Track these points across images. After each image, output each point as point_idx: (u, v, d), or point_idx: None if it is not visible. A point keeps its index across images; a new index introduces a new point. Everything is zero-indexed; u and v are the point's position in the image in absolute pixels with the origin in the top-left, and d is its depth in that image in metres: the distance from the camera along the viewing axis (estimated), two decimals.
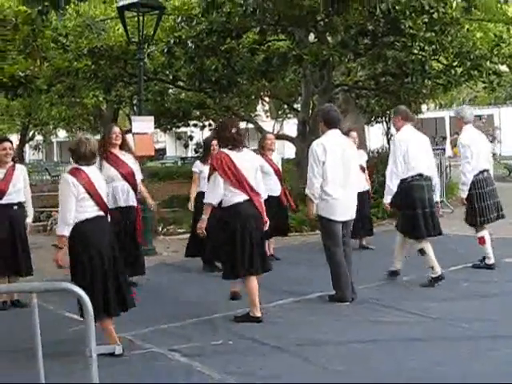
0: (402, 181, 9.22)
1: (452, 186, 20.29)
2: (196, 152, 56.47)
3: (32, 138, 50.17)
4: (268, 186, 11.28)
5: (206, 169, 10.61)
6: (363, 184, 12.24)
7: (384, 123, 34.84)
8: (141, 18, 12.99)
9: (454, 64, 16.56)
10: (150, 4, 13.40)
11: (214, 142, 10.56)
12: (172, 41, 15.06)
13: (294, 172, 18.31)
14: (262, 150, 11.70)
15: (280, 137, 21.28)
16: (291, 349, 6.58)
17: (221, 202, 7.73)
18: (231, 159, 7.68)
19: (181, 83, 18.93)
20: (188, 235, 14.87)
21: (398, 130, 9.68)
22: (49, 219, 18.82)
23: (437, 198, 9.88)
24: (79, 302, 7.10)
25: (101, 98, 25.61)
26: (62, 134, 62.85)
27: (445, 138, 32.24)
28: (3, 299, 8.91)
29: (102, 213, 6.75)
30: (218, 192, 7.65)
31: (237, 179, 7.67)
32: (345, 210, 8.54)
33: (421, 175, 9.28)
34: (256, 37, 15.87)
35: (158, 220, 15.71)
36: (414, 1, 13.26)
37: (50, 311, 8.28)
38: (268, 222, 8.11)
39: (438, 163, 17.64)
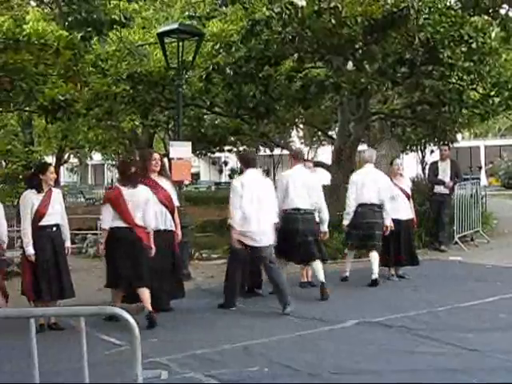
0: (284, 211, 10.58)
1: (487, 216, 20.14)
2: (230, 177, 56.70)
3: (67, 161, 50.56)
4: None
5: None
6: (408, 212, 12.22)
7: (419, 152, 34.85)
8: (180, 43, 13.15)
9: (492, 94, 16.49)
10: (189, 30, 13.59)
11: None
12: (210, 67, 15.16)
13: (329, 199, 18.25)
14: None
15: (316, 164, 21.27)
16: (325, 376, 6.56)
17: None
18: (121, 194, 9.17)
19: (218, 109, 19.03)
20: (223, 260, 14.97)
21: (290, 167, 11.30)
22: (84, 241, 18.98)
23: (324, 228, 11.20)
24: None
25: (137, 122, 25.80)
26: (96, 157, 63.39)
27: (480, 168, 32.11)
28: (40, 322, 8.98)
29: None
30: (106, 218, 9.24)
31: (120, 210, 9.11)
32: (259, 237, 9.75)
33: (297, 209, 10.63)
34: (293, 64, 15.93)
35: (192, 245, 15.74)
36: (453, 31, 13.26)
37: (87, 334, 8.31)
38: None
39: (473, 193, 17.58)
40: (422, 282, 11.94)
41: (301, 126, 35.12)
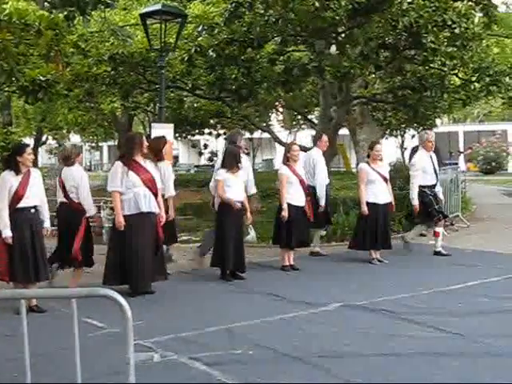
0: None
1: (467, 201, 20.25)
2: (211, 160, 56.52)
3: (45, 143, 50.23)
4: (293, 196, 11.46)
5: (228, 176, 10.73)
6: (386, 196, 12.27)
7: (399, 136, 34.95)
8: (163, 25, 13.06)
9: (473, 79, 16.54)
10: (172, 12, 13.47)
11: (240, 151, 10.88)
12: (193, 49, 15.07)
13: None
14: (287, 160, 11.76)
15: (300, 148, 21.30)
16: (312, 360, 6.56)
17: None
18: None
19: (199, 91, 18.95)
20: None
21: None
22: None
23: None
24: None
25: (117, 104, 25.67)
26: (74, 139, 63.04)
27: (462, 153, 32.24)
28: None
29: None
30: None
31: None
32: None
33: None
34: (276, 47, 15.88)
35: None
36: (436, 15, 13.26)
37: (68, 316, 8.28)
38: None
39: (453, 178, 17.63)
40: (404, 266, 12.00)
41: (280, 109, 35.08)
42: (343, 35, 15.03)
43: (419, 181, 12.54)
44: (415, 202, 12.48)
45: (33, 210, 8.94)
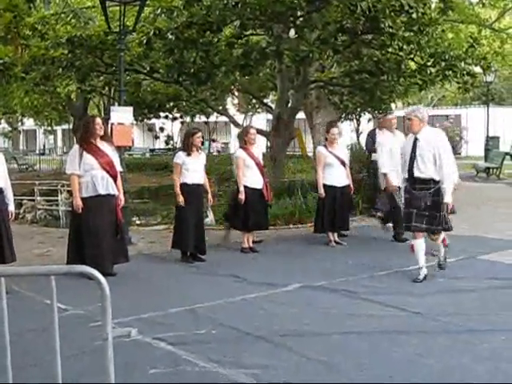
0: None
1: None
2: (167, 144, 56.37)
3: None
4: (249, 179, 11.56)
5: (187, 160, 10.79)
6: (343, 179, 12.41)
7: (355, 120, 35.20)
8: (122, 7, 12.97)
9: (429, 64, 16.73)
10: None
11: (200, 134, 10.94)
12: (151, 32, 15.02)
13: (268, 166, 18.41)
14: (244, 143, 11.85)
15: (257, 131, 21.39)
16: (275, 339, 6.68)
17: None
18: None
19: (157, 75, 18.89)
20: (163, 226, 15.04)
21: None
22: (21, 207, 18.78)
23: None
24: None
25: (73, 88, 25.44)
26: (28, 122, 62.42)
27: None
28: None
29: None
30: None
31: None
32: None
33: None
34: (234, 31, 15.90)
35: (131, 211, 15.73)
36: (393, 0, 13.39)
37: (31, 299, 8.33)
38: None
39: None
40: (362, 247, 12.19)
41: (236, 93, 35.10)
42: (301, 19, 15.09)
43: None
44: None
45: None
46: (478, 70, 18.89)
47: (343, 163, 12.45)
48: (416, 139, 9.22)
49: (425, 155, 9.08)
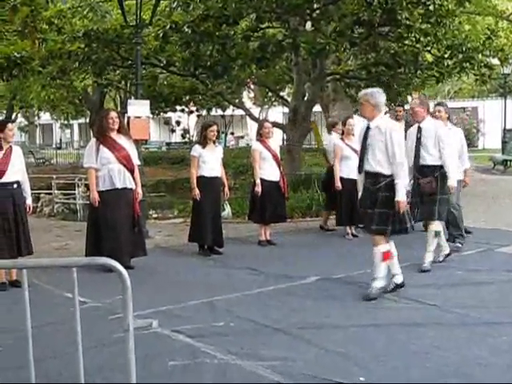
0: None
1: None
2: (183, 137, 56.44)
3: (14, 120, 49.98)
4: (266, 171, 11.56)
5: (204, 152, 10.80)
6: None
7: None
8: (139, 1, 13.00)
9: (446, 56, 16.68)
10: None
11: (215, 128, 10.93)
12: (168, 26, 15.05)
13: (285, 160, 18.43)
14: (260, 136, 11.85)
15: (273, 124, 21.40)
16: (293, 331, 6.69)
17: None
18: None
19: (173, 68, 18.92)
20: (180, 220, 15.08)
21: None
22: (38, 201, 18.88)
23: None
24: None
25: (89, 81, 25.58)
26: (44, 116, 62.64)
27: None
28: (2, 280, 8.96)
29: None
30: None
31: None
32: None
33: None
34: (250, 24, 15.91)
35: (148, 204, 15.79)
36: None
37: (50, 292, 8.39)
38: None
39: None
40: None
41: (252, 86, 35.12)
42: (318, 12, 15.08)
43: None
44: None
45: (15, 186, 9.00)
46: (495, 61, 18.86)
47: None
48: (368, 128, 8.04)
49: (376, 146, 7.92)
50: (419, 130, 9.39)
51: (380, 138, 7.86)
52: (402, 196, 7.78)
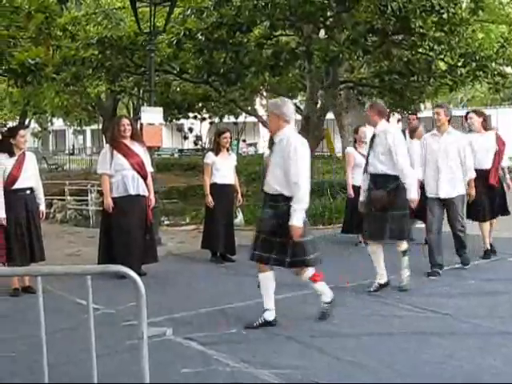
0: None
1: None
2: (196, 144, 56.48)
3: (28, 126, 50.18)
4: None
5: (217, 160, 10.82)
6: None
7: None
8: (152, 8, 13.04)
9: (459, 64, 16.66)
10: None
11: (228, 135, 10.94)
12: (182, 33, 15.10)
13: None
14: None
15: None
16: (305, 340, 6.69)
17: None
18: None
19: (187, 75, 18.97)
20: (193, 227, 15.10)
21: None
22: (51, 207, 18.95)
23: None
24: None
25: (102, 88, 25.68)
26: (57, 122, 62.85)
27: None
28: (15, 286, 8.99)
29: None
30: None
31: None
32: None
33: None
34: (264, 31, 15.94)
35: (160, 211, 15.82)
36: (424, 0, 13.34)
37: (62, 298, 8.41)
38: None
39: None
40: (391, 248, 12.07)
41: (264, 93, 35.13)
42: (331, 19, 15.09)
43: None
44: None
45: (28, 192, 9.04)
46: (508, 70, 18.79)
47: None
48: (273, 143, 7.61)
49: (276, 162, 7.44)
50: (373, 136, 8.92)
51: (282, 151, 7.28)
52: (296, 220, 7.30)
